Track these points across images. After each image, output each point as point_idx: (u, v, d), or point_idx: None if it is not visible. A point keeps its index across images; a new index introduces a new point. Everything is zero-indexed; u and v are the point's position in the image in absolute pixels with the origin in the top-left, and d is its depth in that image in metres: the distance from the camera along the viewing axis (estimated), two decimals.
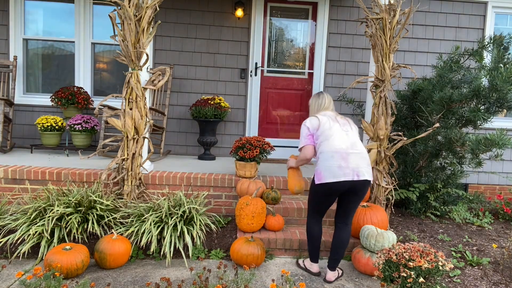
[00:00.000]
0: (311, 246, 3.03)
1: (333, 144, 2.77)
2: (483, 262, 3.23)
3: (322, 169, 2.76)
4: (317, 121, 2.88)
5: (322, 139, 2.82)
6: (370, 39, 3.90)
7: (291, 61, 5.59)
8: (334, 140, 2.78)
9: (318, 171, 2.80)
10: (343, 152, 2.74)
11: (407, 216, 4.32)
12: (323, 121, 2.87)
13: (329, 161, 2.74)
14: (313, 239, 3.00)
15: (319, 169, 2.79)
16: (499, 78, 3.58)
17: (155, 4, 3.59)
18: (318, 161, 2.83)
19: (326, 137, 2.80)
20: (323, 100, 3.01)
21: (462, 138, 3.81)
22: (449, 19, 5.44)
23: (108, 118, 3.70)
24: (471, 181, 5.49)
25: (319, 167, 2.80)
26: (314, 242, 3.00)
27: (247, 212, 3.38)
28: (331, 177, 2.72)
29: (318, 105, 3.01)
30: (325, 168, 2.75)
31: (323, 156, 2.78)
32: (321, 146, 2.82)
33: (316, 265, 3.05)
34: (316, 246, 3.01)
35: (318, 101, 3.02)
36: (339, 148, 2.75)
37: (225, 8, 5.32)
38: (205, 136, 5.01)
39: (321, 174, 2.76)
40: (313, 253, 3.03)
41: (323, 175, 2.75)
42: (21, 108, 5.34)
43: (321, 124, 2.86)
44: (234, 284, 2.42)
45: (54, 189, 3.53)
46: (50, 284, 2.24)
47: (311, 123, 2.91)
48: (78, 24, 5.34)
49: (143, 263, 3.17)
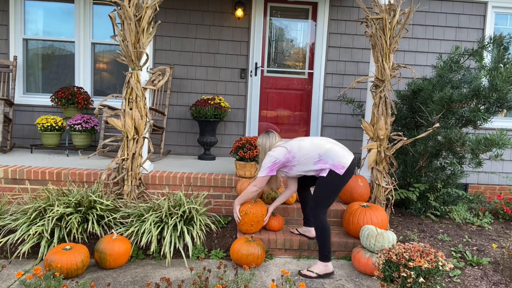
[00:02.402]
0: (329, 243, 3.03)
1: (323, 143, 3.06)
2: (483, 262, 3.23)
3: (339, 160, 2.99)
4: (284, 149, 3.07)
5: (306, 151, 3.04)
6: (370, 39, 3.90)
7: (291, 61, 5.59)
8: (318, 141, 3.08)
9: (336, 164, 2.98)
10: (333, 143, 3.08)
11: (407, 216, 4.32)
12: (290, 146, 3.08)
13: (337, 152, 3.00)
14: (329, 234, 3.03)
15: (335, 162, 2.98)
16: (499, 78, 3.58)
17: (155, 4, 3.59)
18: (325, 161, 3.00)
19: (309, 146, 3.05)
20: (273, 138, 3.20)
21: (462, 138, 3.81)
22: (449, 19, 5.44)
23: (108, 118, 3.70)
24: (471, 181, 5.49)
25: (334, 161, 2.98)
26: (330, 237, 3.04)
27: (246, 221, 3.33)
28: (349, 158, 3.02)
29: (270, 143, 3.18)
30: (340, 158, 2.99)
31: (328, 153, 3.00)
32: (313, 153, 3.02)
33: (330, 262, 3.06)
34: (330, 241, 3.06)
35: (269, 140, 3.20)
36: (329, 142, 3.08)
37: (225, 8, 5.32)
38: (205, 136, 5.01)
39: (341, 163, 2.98)
40: (330, 249, 3.04)
41: (344, 163, 2.98)
42: (21, 108, 5.34)
43: (292, 148, 3.07)
44: (234, 284, 2.42)
45: (54, 189, 3.53)
46: (50, 284, 2.24)
47: (279, 153, 3.06)
48: (78, 24, 5.34)
49: (143, 263, 3.17)
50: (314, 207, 3.04)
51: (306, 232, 3.46)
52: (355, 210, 3.45)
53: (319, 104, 5.50)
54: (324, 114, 5.49)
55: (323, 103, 5.48)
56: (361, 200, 3.79)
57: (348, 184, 3.80)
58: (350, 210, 3.50)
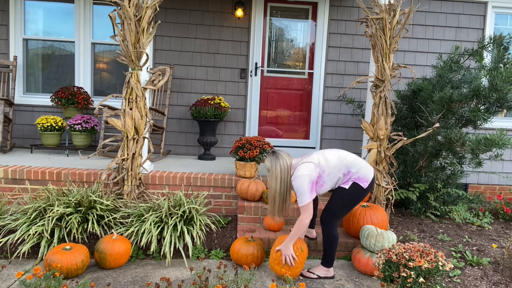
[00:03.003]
0: (335, 252, 3.03)
1: (345, 156, 2.99)
2: (483, 262, 3.23)
3: (364, 172, 2.95)
4: (312, 164, 2.87)
5: (334, 162, 2.93)
6: (370, 39, 3.90)
7: (291, 61, 5.59)
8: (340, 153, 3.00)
9: (361, 177, 2.94)
10: (351, 155, 3.02)
11: (407, 216, 4.32)
12: (313, 159, 2.90)
13: (360, 164, 2.97)
14: (337, 243, 3.04)
15: (361, 175, 2.94)
16: (499, 78, 3.58)
17: (155, 4, 3.59)
18: (353, 173, 2.93)
19: (336, 157, 2.95)
20: (285, 158, 2.93)
21: (462, 138, 3.81)
22: (449, 19, 5.44)
23: (108, 118, 3.70)
24: (471, 181, 5.49)
25: (360, 174, 2.94)
26: (337, 245, 3.04)
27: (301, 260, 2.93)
28: (371, 171, 3.01)
29: (283, 164, 2.91)
30: (365, 170, 2.97)
31: (354, 166, 2.94)
32: (342, 165, 2.93)
33: (332, 267, 3.06)
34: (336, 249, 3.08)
35: (280, 161, 2.90)
36: (349, 154, 3.02)
37: (225, 8, 5.32)
38: (205, 136, 5.01)
39: (366, 176, 2.95)
40: (334, 257, 3.05)
41: (368, 176, 2.96)
42: (21, 108, 5.34)
43: (319, 161, 2.91)
44: (234, 284, 2.42)
45: (54, 189, 3.53)
46: (50, 284, 2.24)
47: (310, 170, 2.85)
48: (78, 24, 5.34)
49: (143, 263, 3.17)
50: (330, 219, 2.96)
51: (307, 233, 3.45)
52: (355, 210, 3.45)
53: (319, 104, 5.50)
54: (324, 114, 5.49)
55: (323, 103, 5.48)
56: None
57: None
58: None
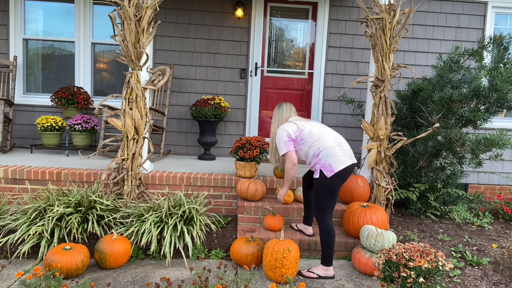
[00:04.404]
0: (333, 247, 2.99)
1: (328, 139, 3.02)
2: (483, 262, 3.23)
3: (330, 161, 2.94)
4: (295, 126, 3.10)
5: (313, 138, 3.03)
6: (370, 39, 3.90)
7: (291, 61, 5.59)
8: (326, 135, 3.04)
9: (326, 165, 2.93)
10: (337, 143, 3.03)
11: (407, 216, 4.32)
12: (302, 125, 3.10)
13: (334, 153, 2.96)
14: (334, 237, 2.98)
15: (327, 163, 2.94)
16: (499, 78, 3.58)
17: (155, 4, 3.59)
18: (321, 158, 2.97)
19: (317, 136, 3.03)
20: (284, 109, 3.22)
21: (462, 138, 3.81)
22: (449, 19, 5.44)
23: (108, 118, 3.70)
24: (471, 181, 5.49)
25: (326, 161, 2.94)
26: (334, 240, 2.99)
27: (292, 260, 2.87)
28: (342, 164, 2.94)
29: (279, 116, 3.22)
30: (333, 160, 2.94)
31: (325, 152, 2.96)
32: (316, 145, 3.00)
33: (332, 266, 3.02)
34: (334, 244, 3.02)
35: (279, 112, 3.23)
36: (333, 140, 3.03)
37: (225, 8, 5.32)
38: (205, 136, 5.01)
39: (332, 166, 2.93)
40: (333, 253, 3.00)
41: (334, 166, 2.92)
42: (21, 108, 5.34)
43: (302, 128, 3.08)
44: (234, 284, 2.42)
45: (54, 189, 3.53)
46: (50, 284, 2.24)
47: (291, 129, 3.09)
48: (78, 24, 5.34)
49: (143, 263, 3.17)
50: (319, 213, 3.00)
51: (304, 229, 3.49)
52: (355, 210, 3.45)
53: (319, 104, 5.50)
54: (324, 114, 5.49)
55: (323, 103, 5.48)
56: (361, 200, 3.79)
57: (348, 184, 3.80)
58: (350, 210, 3.50)
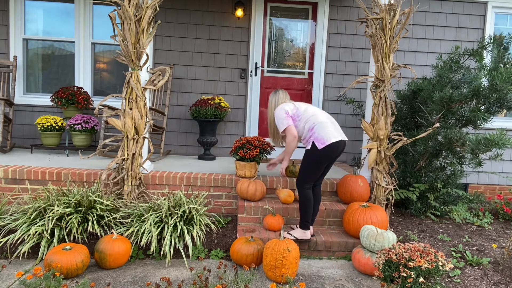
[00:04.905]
0: (309, 213, 3.28)
1: (321, 115, 3.30)
2: (483, 262, 3.23)
3: (323, 134, 3.18)
4: (292, 105, 3.39)
5: (309, 115, 3.30)
6: (370, 39, 3.90)
7: (291, 61, 5.59)
8: (319, 113, 3.33)
9: (319, 138, 3.17)
10: (329, 120, 3.29)
11: (407, 216, 4.32)
12: (297, 104, 3.40)
13: (326, 127, 3.21)
14: (311, 204, 3.28)
15: (320, 136, 3.17)
16: (499, 78, 3.58)
17: (155, 4, 3.59)
18: (314, 131, 3.21)
19: (312, 113, 3.31)
20: (280, 95, 3.51)
21: (462, 138, 3.81)
22: (449, 19, 5.44)
23: (108, 118, 3.70)
24: (471, 181, 5.49)
25: (319, 134, 3.18)
26: (311, 207, 3.30)
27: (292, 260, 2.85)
28: (333, 138, 3.17)
29: (276, 100, 3.50)
30: (325, 133, 3.18)
31: (319, 126, 3.21)
32: (311, 120, 3.26)
33: (309, 230, 3.33)
34: (311, 211, 3.33)
35: (275, 97, 3.52)
36: (326, 117, 3.30)
37: (225, 8, 5.32)
38: (205, 136, 5.01)
39: (324, 138, 3.16)
40: (309, 218, 3.31)
41: (326, 139, 3.16)
42: (21, 108, 5.34)
43: (298, 106, 3.38)
44: (234, 284, 2.42)
45: (54, 189, 3.53)
46: (50, 284, 2.25)
47: (288, 107, 3.37)
48: (78, 24, 5.34)
49: (143, 263, 3.17)
50: (300, 181, 3.28)
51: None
52: (355, 210, 3.45)
53: (319, 104, 5.50)
54: None
55: (323, 103, 5.48)
56: (361, 200, 3.79)
57: (348, 184, 3.80)
58: (350, 210, 3.50)
